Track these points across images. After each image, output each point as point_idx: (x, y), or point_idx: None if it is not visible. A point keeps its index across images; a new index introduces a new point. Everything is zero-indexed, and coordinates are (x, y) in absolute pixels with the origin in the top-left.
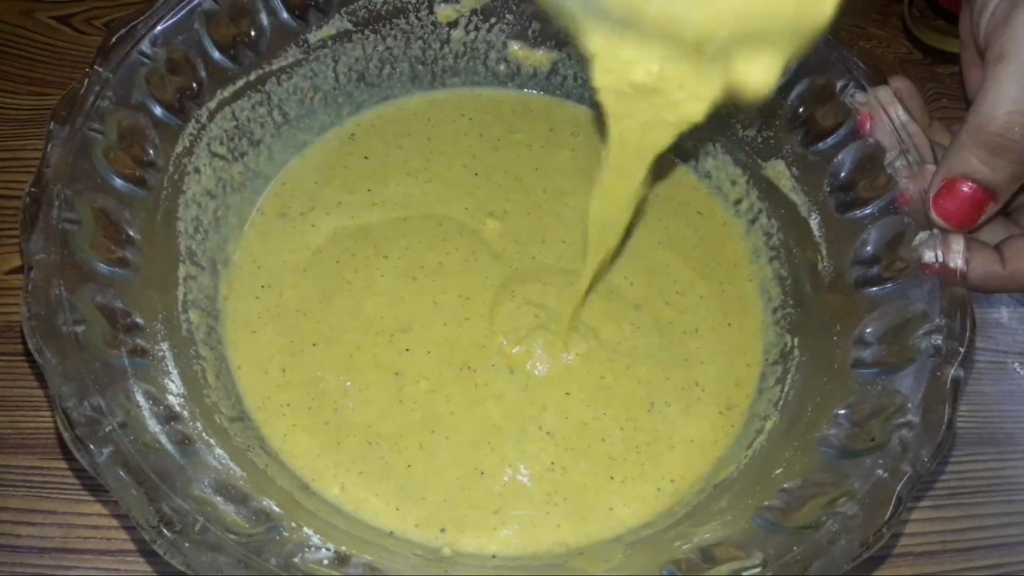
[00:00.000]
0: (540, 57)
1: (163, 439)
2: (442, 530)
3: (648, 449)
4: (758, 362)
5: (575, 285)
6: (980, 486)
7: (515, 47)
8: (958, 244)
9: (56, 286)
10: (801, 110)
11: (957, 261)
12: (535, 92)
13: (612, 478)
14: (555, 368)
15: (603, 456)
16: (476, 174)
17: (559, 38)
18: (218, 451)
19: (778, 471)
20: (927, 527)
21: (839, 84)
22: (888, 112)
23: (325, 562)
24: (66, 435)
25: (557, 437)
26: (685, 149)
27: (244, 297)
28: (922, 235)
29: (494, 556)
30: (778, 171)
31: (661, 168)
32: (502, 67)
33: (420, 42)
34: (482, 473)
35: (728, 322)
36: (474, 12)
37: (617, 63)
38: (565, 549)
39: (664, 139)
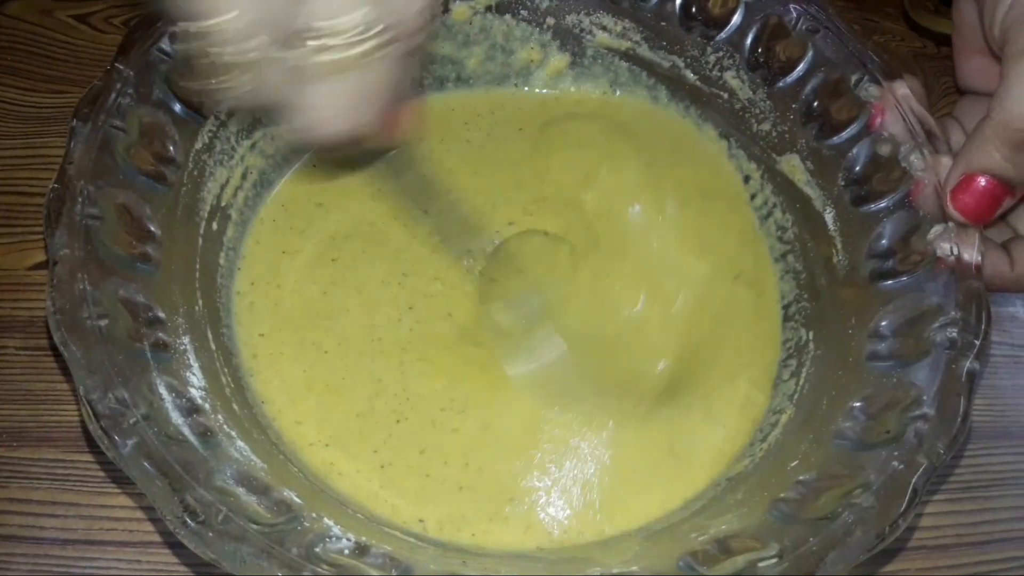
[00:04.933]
0: (554, 52)
1: (186, 431)
2: (458, 526)
3: (662, 445)
4: (773, 356)
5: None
6: (995, 480)
7: (531, 44)
8: (973, 238)
9: (80, 281)
10: (815, 104)
11: (972, 255)
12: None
13: (628, 472)
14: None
15: (617, 451)
16: (491, 170)
17: (573, 34)
18: (239, 443)
19: (793, 463)
20: (942, 520)
21: (853, 78)
22: (902, 105)
23: (346, 552)
24: (91, 427)
25: (571, 432)
26: (700, 145)
27: (257, 294)
28: (937, 228)
29: (511, 549)
30: (793, 165)
31: (675, 163)
32: (516, 64)
33: (434, 41)
34: (499, 467)
35: (742, 317)
36: (488, 9)
37: None
38: (582, 542)
39: None
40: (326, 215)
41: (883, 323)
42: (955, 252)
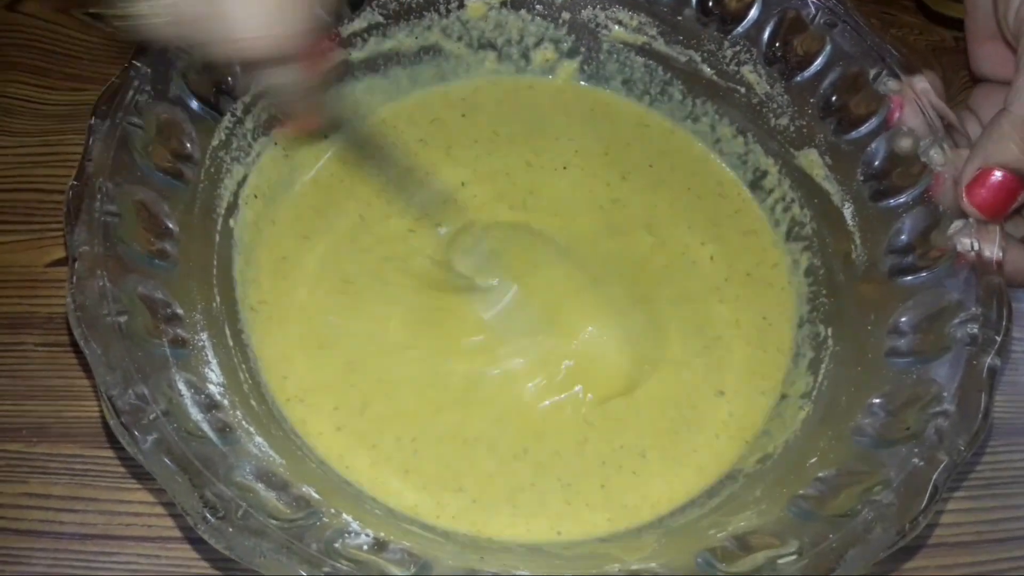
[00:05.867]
0: (569, 46)
1: (205, 427)
2: (474, 521)
3: (677, 438)
4: (791, 353)
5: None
6: (1016, 476)
7: (546, 40)
8: (994, 233)
9: (100, 277)
10: (834, 98)
11: (993, 250)
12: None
13: (642, 464)
14: (586, 356)
15: (633, 445)
16: (506, 164)
17: (589, 29)
18: (258, 439)
19: (812, 460)
20: (962, 518)
21: (872, 72)
22: (921, 100)
23: (365, 547)
24: (112, 423)
25: (587, 426)
26: (716, 139)
27: (270, 293)
28: (957, 223)
29: (526, 543)
30: (811, 160)
31: (692, 158)
32: (531, 59)
33: (451, 38)
34: (514, 461)
35: (761, 313)
36: (503, 4)
37: None
38: (597, 536)
39: None
40: (335, 213)
41: (903, 319)
42: (975, 247)
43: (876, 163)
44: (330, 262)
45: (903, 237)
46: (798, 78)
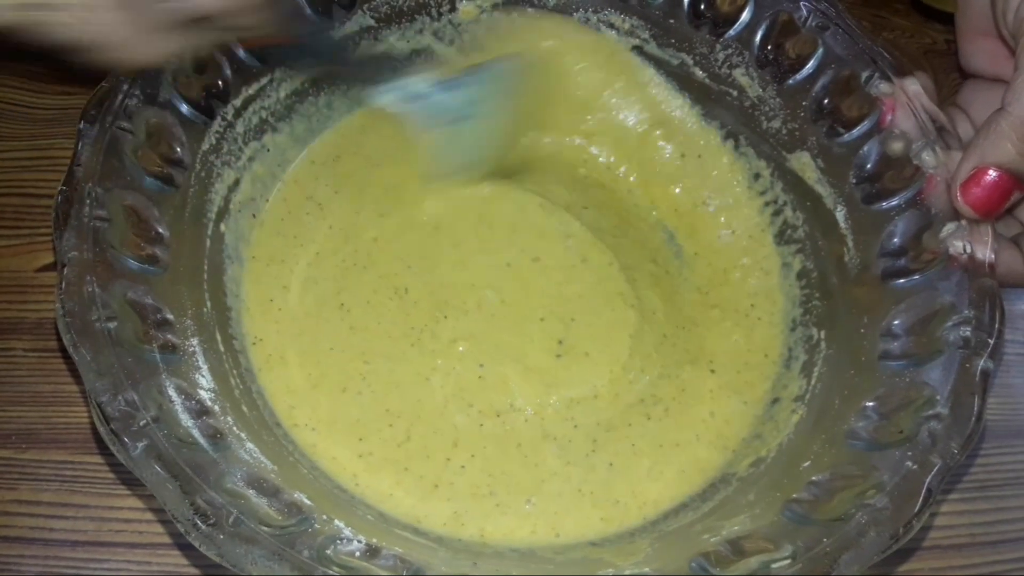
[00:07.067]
0: None
1: (195, 433)
2: (482, 526)
3: (669, 442)
4: (783, 355)
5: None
6: (1009, 479)
7: None
8: (986, 235)
9: (89, 283)
10: (826, 101)
11: (985, 252)
12: None
13: (635, 468)
14: (581, 360)
15: (625, 448)
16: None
17: None
18: (249, 445)
19: (806, 464)
20: (955, 520)
21: (863, 75)
22: (913, 102)
23: (357, 554)
24: (102, 429)
25: (581, 428)
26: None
27: (262, 298)
28: (950, 226)
29: (517, 548)
30: (803, 163)
31: (685, 160)
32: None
33: (443, 41)
34: (507, 465)
35: (754, 316)
36: (495, 7)
37: None
38: (590, 539)
39: None
40: (322, 216)
41: (895, 322)
42: (968, 250)
43: (868, 166)
44: (314, 284)
45: (896, 240)
46: (790, 81)
